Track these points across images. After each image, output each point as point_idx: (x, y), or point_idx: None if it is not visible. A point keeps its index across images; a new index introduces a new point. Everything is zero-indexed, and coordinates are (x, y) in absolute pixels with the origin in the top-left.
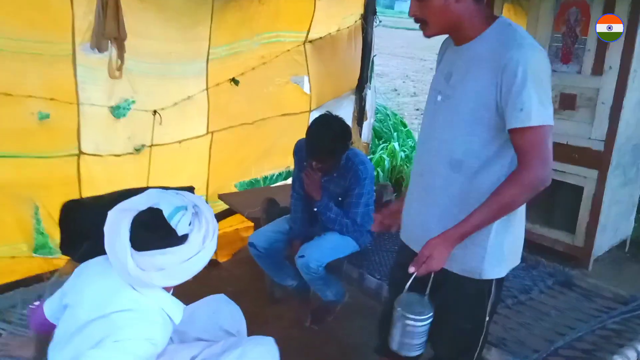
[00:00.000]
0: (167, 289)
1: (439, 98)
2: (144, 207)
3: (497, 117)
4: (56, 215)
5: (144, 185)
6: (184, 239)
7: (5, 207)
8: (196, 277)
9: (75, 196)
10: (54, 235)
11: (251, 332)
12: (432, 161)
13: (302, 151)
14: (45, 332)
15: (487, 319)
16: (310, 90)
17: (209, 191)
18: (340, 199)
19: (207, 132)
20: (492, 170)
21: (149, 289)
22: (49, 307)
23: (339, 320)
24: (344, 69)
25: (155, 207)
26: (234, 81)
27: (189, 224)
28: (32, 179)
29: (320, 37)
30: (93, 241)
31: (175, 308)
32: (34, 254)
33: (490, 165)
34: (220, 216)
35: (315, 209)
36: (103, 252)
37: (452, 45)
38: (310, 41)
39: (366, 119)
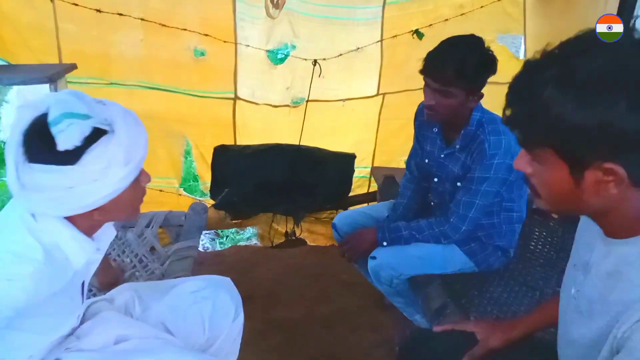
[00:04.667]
0: (74, 221)
1: (573, 291)
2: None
3: None
4: (208, 157)
5: (295, 142)
6: (72, 157)
7: (157, 139)
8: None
9: (229, 141)
10: (205, 178)
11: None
12: None
13: (423, 114)
14: None
15: None
16: (525, 55)
17: (374, 164)
18: (458, 184)
19: (378, 94)
20: None
21: (46, 219)
22: None
23: None
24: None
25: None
26: (417, 34)
27: (83, 140)
28: (185, 115)
29: None
30: (232, 189)
31: (78, 247)
32: (183, 192)
33: None
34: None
35: (383, 243)
36: (242, 202)
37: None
38: None
39: None
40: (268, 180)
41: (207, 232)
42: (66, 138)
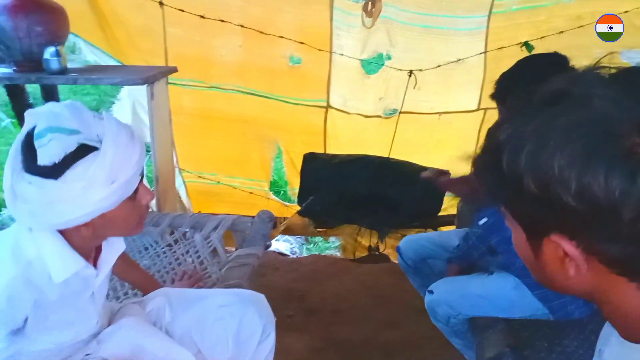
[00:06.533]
0: (67, 236)
1: None
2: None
3: None
4: (298, 163)
5: (385, 154)
6: (55, 171)
7: (251, 142)
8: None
9: (319, 149)
10: (294, 184)
11: None
12: None
13: None
14: None
15: None
16: None
17: None
18: None
19: (478, 108)
20: None
21: (40, 232)
22: None
23: None
24: None
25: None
26: (527, 46)
27: (64, 156)
28: (278, 121)
29: None
30: (317, 197)
31: (61, 263)
32: (272, 196)
33: None
34: None
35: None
36: (325, 211)
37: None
38: None
39: None
40: (354, 191)
41: (298, 237)
42: (45, 153)
